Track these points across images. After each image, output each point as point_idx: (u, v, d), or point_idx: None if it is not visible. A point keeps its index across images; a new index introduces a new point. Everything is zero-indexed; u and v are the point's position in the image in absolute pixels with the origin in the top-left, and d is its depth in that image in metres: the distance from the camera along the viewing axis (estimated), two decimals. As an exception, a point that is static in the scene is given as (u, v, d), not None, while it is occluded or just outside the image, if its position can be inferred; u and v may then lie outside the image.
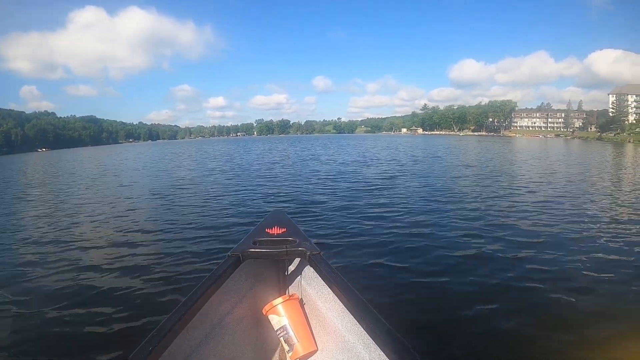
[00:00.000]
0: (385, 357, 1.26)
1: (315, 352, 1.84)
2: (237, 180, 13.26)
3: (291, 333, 1.81)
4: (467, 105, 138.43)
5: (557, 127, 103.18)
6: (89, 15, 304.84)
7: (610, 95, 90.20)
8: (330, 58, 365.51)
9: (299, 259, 1.98)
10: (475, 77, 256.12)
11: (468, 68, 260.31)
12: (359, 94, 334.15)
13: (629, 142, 62.11)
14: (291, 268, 2.08)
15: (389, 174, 13.81)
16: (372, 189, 10.29)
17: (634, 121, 79.32)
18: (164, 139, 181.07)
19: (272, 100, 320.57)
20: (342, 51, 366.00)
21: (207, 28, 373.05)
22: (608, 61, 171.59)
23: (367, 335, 1.39)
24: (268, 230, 1.99)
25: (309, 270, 1.95)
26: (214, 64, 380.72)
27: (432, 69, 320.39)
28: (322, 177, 13.36)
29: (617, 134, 74.86)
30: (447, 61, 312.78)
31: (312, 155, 27.68)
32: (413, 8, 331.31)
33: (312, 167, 17.83)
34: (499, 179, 12.42)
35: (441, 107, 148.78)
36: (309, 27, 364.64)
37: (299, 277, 2.03)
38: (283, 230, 1.98)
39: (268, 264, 2.07)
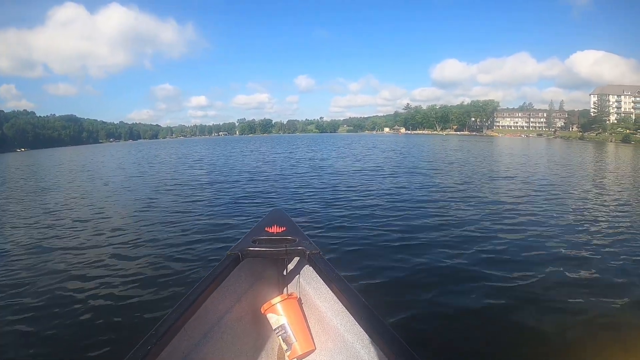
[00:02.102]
0: (384, 357, 1.22)
1: (313, 351, 1.80)
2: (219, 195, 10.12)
3: (289, 332, 1.78)
4: (449, 105, 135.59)
5: (539, 127, 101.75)
6: (68, 12, 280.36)
7: (592, 96, 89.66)
8: (313, 57, 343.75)
9: (299, 258, 1.94)
10: (457, 77, 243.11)
11: (450, 68, 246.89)
12: (341, 93, 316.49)
13: (611, 141, 63.35)
14: (290, 267, 2.03)
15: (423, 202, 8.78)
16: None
17: (615, 121, 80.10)
18: (145, 138, 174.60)
19: (254, 100, 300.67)
20: (325, 50, 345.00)
21: (189, 26, 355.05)
22: (589, 62, 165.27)
23: (366, 335, 1.36)
24: (267, 229, 1.95)
25: (308, 270, 1.90)
26: (196, 62, 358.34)
27: (414, 68, 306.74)
28: (325, 192, 10.00)
29: (599, 133, 75.93)
30: (430, 61, 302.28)
31: (303, 159, 22.38)
32: (396, 7, 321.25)
33: (308, 179, 12.95)
34: (511, 185, 11.03)
35: (423, 106, 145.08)
36: (292, 25, 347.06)
37: (298, 276, 1.98)
38: (283, 229, 1.95)
39: (267, 262, 2.03)
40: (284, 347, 1.78)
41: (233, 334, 1.72)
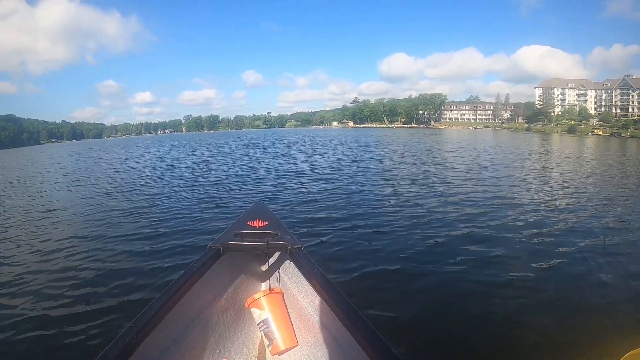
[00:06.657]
0: (363, 352, 1.20)
1: (295, 346, 1.76)
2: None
3: (272, 327, 1.73)
4: (397, 99, 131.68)
5: (486, 119, 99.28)
6: (7, 4, 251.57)
7: (537, 89, 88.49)
8: (261, 51, 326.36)
9: (280, 252, 1.89)
10: (405, 71, 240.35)
11: (398, 62, 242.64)
12: (289, 88, 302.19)
13: (557, 132, 62.54)
14: (272, 261, 1.97)
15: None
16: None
17: (560, 113, 79.30)
18: (89, 138, 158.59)
19: (201, 96, 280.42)
20: (273, 44, 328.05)
21: (133, 17, 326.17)
22: (535, 57, 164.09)
23: (346, 330, 1.32)
24: (249, 223, 1.91)
25: (289, 265, 1.85)
26: (141, 57, 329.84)
27: (362, 63, 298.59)
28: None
29: (545, 124, 75.52)
30: (378, 55, 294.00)
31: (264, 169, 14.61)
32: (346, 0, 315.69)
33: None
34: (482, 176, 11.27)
35: (372, 100, 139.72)
36: (240, 16, 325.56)
37: (280, 271, 1.93)
38: (265, 223, 1.91)
39: (249, 257, 1.97)
40: (266, 342, 1.74)
41: (213, 328, 1.67)
